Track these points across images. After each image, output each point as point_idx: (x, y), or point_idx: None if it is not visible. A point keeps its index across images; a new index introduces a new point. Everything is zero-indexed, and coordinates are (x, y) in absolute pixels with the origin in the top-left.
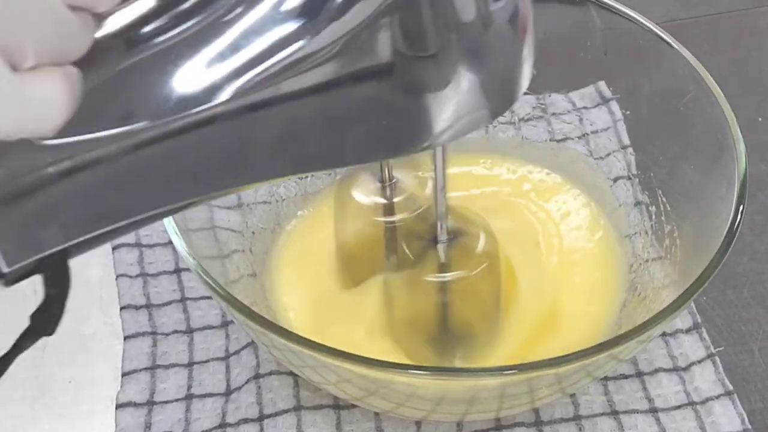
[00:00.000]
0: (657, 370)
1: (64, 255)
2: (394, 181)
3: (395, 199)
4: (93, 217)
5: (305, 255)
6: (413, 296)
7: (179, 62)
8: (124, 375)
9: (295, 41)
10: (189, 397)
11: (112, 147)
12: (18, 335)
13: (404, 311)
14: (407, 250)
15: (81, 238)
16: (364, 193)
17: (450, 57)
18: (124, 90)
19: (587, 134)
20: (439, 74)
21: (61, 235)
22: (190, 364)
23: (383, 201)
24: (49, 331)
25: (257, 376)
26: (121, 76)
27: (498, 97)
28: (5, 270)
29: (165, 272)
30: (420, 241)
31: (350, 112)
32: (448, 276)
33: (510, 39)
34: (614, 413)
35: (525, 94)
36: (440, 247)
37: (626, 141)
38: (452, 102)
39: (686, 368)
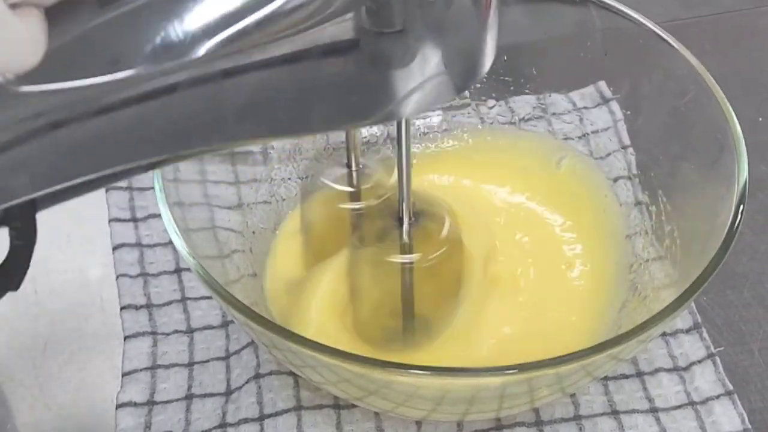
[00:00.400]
0: (657, 370)
1: (32, 207)
2: (361, 167)
3: (362, 186)
4: (64, 168)
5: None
6: (372, 277)
7: (152, 20)
8: (124, 375)
9: (266, 5)
10: (189, 397)
11: (84, 99)
12: None
13: (363, 293)
14: (369, 234)
15: (50, 189)
16: (331, 180)
17: (415, 32)
18: (95, 44)
19: (587, 134)
20: (404, 49)
21: (30, 185)
22: (191, 364)
23: (349, 188)
24: (14, 286)
25: (257, 376)
26: (93, 32)
27: (462, 73)
28: None
29: (165, 272)
30: (383, 223)
31: (318, 82)
32: (409, 258)
33: (474, 14)
34: (614, 413)
35: (525, 93)
36: (403, 228)
37: (626, 141)
38: (417, 76)
39: (686, 368)
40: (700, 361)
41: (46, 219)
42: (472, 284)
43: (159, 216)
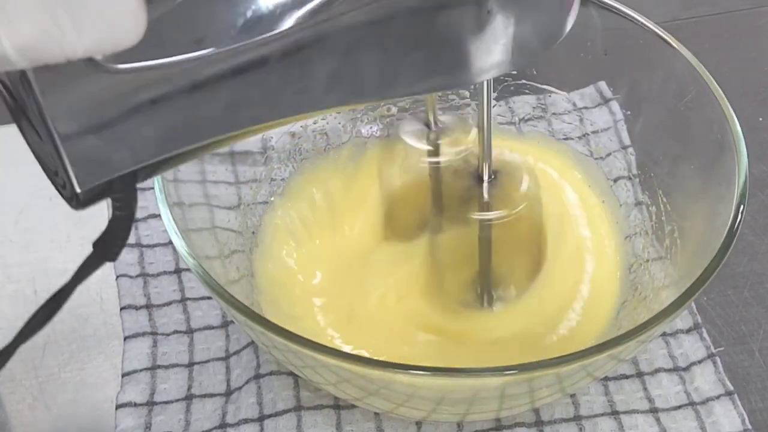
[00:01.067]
0: (657, 370)
1: (133, 178)
2: (440, 125)
3: (440, 143)
4: (162, 140)
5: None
6: (456, 234)
7: None
8: (124, 375)
9: None
10: (189, 398)
11: (180, 73)
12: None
13: (447, 253)
14: (449, 193)
15: (150, 161)
16: (411, 137)
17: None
18: (190, 18)
19: (588, 134)
20: (487, 13)
21: (131, 159)
22: (191, 365)
23: (428, 146)
24: (113, 255)
25: (257, 377)
26: (180, 9)
27: (543, 35)
28: (78, 191)
29: (165, 272)
30: (463, 182)
31: (405, 43)
32: (491, 215)
33: None
34: (615, 413)
35: (525, 93)
36: (484, 185)
37: (627, 141)
38: (502, 39)
39: (687, 368)
40: (700, 362)
41: (46, 219)
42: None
43: (159, 216)
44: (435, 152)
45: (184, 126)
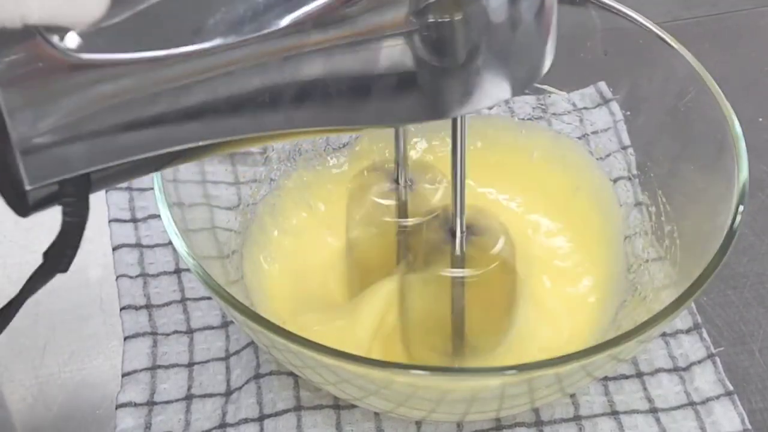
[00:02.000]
0: (657, 371)
1: (87, 184)
2: (409, 183)
3: (410, 203)
4: (121, 144)
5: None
6: (425, 293)
7: None
8: (124, 375)
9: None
10: (189, 398)
11: (145, 72)
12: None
13: (414, 310)
14: (420, 250)
15: (105, 165)
16: (378, 195)
17: (476, 60)
18: (160, 20)
19: (587, 134)
20: (463, 78)
21: (86, 158)
22: (191, 365)
23: (396, 202)
24: (63, 267)
25: (257, 377)
26: (154, 8)
27: (521, 74)
28: (28, 187)
29: (165, 273)
30: (434, 238)
31: (376, 75)
32: (462, 272)
33: (535, 31)
34: (614, 413)
35: (525, 93)
36: (456, 241)
37: (626, 141)
38: (476, 82)
39: (686, 368)
40: (700, 362)
41: (45, 219)
42: (523, 301)
43: (159, 216)
44: (404, 211)
45: (143, 130)
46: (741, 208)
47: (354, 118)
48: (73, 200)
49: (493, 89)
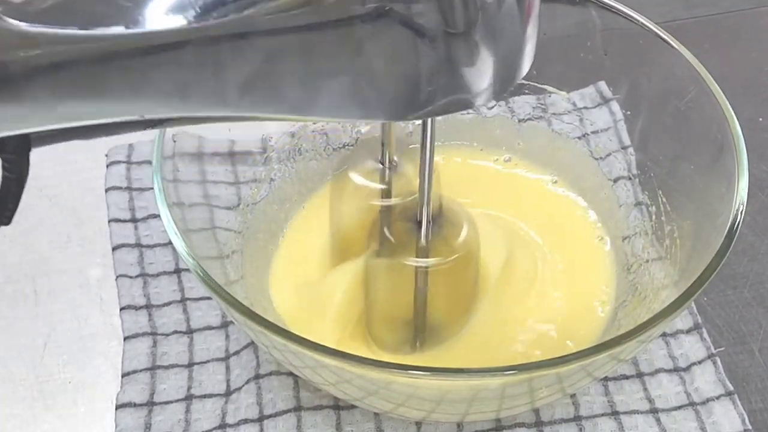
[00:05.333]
0: (657, 371)
1: (27, 142)
2: (394, 164)
3: (393, 185)
4: (57, 110)
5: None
6: (387, 280)
7: None
8: (123, 375)
9: None
10: (189, 398)
11: (79, 44)
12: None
13: (377, 294)
14: (389, 234)
15: (44, 128)
16: (363, 175)
17: (472, 35)
18: None
19: (587, 134)
20: (467, 49)
21: (24, 120)
22: (190, 365)
23: (381, 185)
24: (6, 220)
25: (257, 377)
26: None
27: (500, 77)
28: None
29: (165, 273)
30: (403, 225)
31: (332, 61)
32: (425, 261)
33: (518, 20)
34: (615, 414)
35: (525, 93)
36: (422, 230)
37: (627, 141)
38: (452, 76)
39: (687, 369)
40: (700, 362)
41: (46, 219)
42: (486, 293)
43: (159, 216)
44: (387, 192)
45: (80, 99)
46: (741, 208)
47: (306, 110)
48: (13, 157)
49: (456, 94)
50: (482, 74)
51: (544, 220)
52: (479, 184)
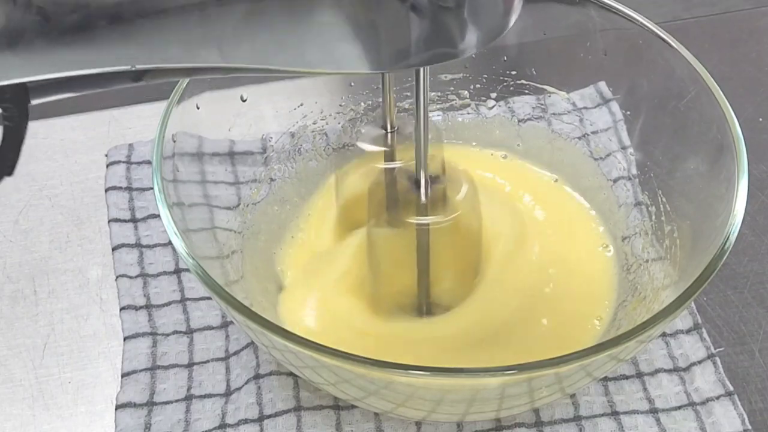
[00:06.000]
0: (657, 371)
1: (25, 92)
2: (396, 128)
3: (397, 148)
4: (54, 58)
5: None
6: (390, 242)
7: None
8: (123, 375)
9: None
10: (189, 398)
11: None
12: None
13: (381, 260)
14: (391, 196)
15: (42, 77)
16: (368, 142)
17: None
18: None
19: (587, 134)
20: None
21: (21, 69)
22: (190, 365)
23: (384, 149)
24: (8, 170)
25: (257, 377)
26: None
27: (487, 29)
28: None
29: (165, 273)
30: (404, 185)
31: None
32: (425, 219)
33: None
34: (614, 414)
35: (525, 94)
36: (421, 190)
37: (626, 141)
38: (438, 30)
39: (687, 369)
40: (700, 362)
41: (46, 219)
42: (491, 261)
43: (159, 216)
44: (391, 155)
45: (75, 48)
46: (741, 208)
47: (290, 61)
48: (11, 107)
49: (441, 42)
50: (468, 29)
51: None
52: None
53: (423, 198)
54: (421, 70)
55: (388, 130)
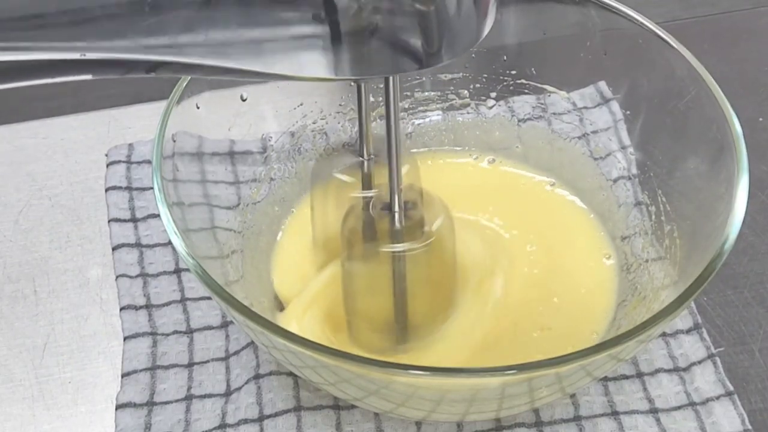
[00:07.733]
0: (657, 371)
1: None
2: (372, 156)
3: (374, 177)
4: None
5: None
6: (365, 271)
7: None
8: (123, 375)
9: None
10: (189, 398)
11: None
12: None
13: (356, 292)
14: (365, 224)
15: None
16: (342, 170)
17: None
18: None
19: (587, 134)
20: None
21: None
22: (190, 365)
23: (360, 177)
24: None
25: (257, 377)
26: None
27: (458, 40)
28: None
29: (165, 272)
30: (379, 213)
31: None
32: (399, 246)
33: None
34: (615, 414)
35: (525, 93)
36: (395, 217)
37: (626, 141)
38: (406, 38)
39: (687, 369)
40: (700, 362)
41: (46, 219)
42: (467, 291)
43: (159, 216)
44: (367, 183)
45: (24, 32)
46: (741, 208)
47: (245, 61)
48: None
49: (405, 51)
50: (435, 38)
51: (541, 222)
52: (476, 184)
53: (398, 225)
54: (391, 78)
55: (365, 157)
